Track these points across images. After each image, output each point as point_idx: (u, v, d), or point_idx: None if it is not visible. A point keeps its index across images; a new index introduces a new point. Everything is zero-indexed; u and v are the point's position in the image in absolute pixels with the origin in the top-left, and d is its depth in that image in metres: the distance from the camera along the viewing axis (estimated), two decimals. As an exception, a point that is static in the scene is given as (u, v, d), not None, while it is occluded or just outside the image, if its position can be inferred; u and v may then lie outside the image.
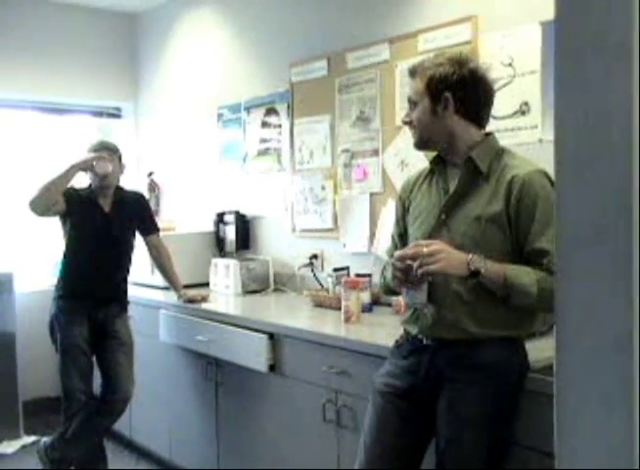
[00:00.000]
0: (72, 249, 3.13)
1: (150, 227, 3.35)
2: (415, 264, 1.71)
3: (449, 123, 1.86)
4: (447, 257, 1.71)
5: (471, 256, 1.73)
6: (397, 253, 1.80)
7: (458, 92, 1.84)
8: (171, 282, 3.40)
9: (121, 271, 3.23)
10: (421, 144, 1.96)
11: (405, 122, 1.98)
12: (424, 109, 1.88)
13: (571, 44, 0.85)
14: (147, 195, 4.10)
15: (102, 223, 3.12)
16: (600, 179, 0.82)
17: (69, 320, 3.08)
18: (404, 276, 1.76)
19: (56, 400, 4.62)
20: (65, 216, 3.10)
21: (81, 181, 3.19)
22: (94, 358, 3.16)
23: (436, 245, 1.73)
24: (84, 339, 3.07)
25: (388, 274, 1.92)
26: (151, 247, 3.36)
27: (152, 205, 4.21)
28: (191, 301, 3.31)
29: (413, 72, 1.92)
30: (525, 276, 1.72)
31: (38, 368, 4.48)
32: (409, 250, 1.76)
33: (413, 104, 1.91)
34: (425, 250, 1.71)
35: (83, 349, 3.07)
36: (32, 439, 4.01)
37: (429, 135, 1.90)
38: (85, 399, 3.06)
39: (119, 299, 3.23)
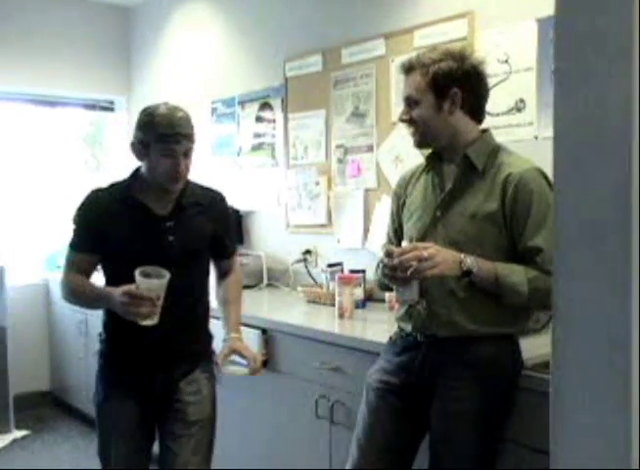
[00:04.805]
0: (115, 284, 1.94)
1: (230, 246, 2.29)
2: (410, 270, 1.68)
3: (454, 120, 1.83)
4: (443, 259, 1.70)
5: (463, 255, 1.72)
6: (395, 253, 1.73)
7: (465, 87, 1.81)
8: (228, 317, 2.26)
9: (195, 311, 2.14)
10: (423, 142, 1.90)
11: (403, 120, 1.90)
12: (428, 106, 1.82)
13: (571, 41, 0.84)
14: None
15: (161, 241, 2.03)
16: (598, 177, 0.81)
17: (112, 394, 2.09)
18: (392, 274, 1.75)
19: (47, 395, 4.63)
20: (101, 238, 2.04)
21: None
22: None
23: (432, 248, 1.71)
24: (136, 422, 2.08)
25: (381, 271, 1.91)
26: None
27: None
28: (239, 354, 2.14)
29: (409, 69, 1.85)
30: (515, 275, 1.72)
31: (29, 362, 4.47)
32: (408, 254, 1.70)
33: (413, 102, 1.85)
34: (425, 253, 1.68)
35: (133, 434, 2.08)
36: (23, 433, 4.00)
37: (433, 132, 1.85)
38: None
39: (195, 352, 2.14)
